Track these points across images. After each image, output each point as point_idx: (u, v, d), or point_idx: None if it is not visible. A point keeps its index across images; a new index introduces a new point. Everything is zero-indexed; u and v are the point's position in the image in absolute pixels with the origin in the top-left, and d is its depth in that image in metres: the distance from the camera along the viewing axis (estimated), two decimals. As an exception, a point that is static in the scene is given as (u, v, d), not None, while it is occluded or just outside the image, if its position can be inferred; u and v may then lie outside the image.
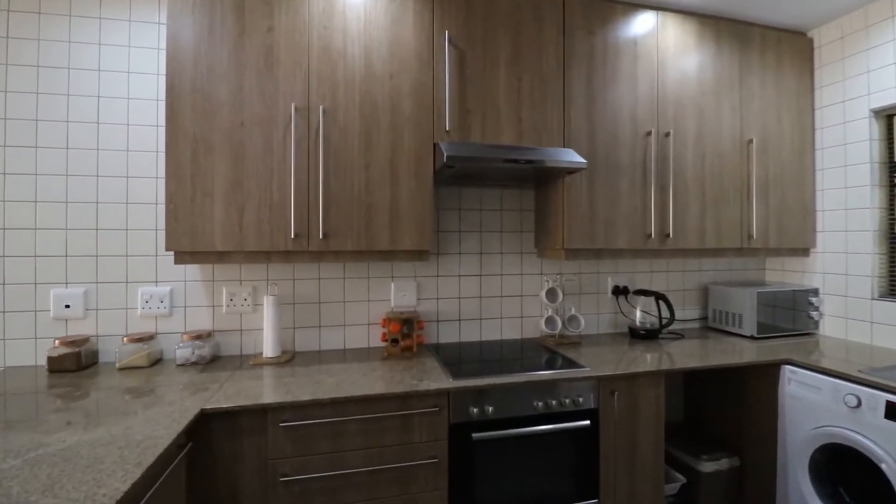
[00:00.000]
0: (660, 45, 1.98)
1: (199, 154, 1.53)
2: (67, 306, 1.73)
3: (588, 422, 1.57)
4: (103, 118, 1.75)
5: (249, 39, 1.57)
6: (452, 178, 1.93)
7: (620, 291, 2.30)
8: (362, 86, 1.65)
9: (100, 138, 1.75)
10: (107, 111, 1.76)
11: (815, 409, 1.67)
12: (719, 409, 2.16)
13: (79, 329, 1.75)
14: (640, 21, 1.95)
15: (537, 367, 1.68)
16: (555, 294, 2.12)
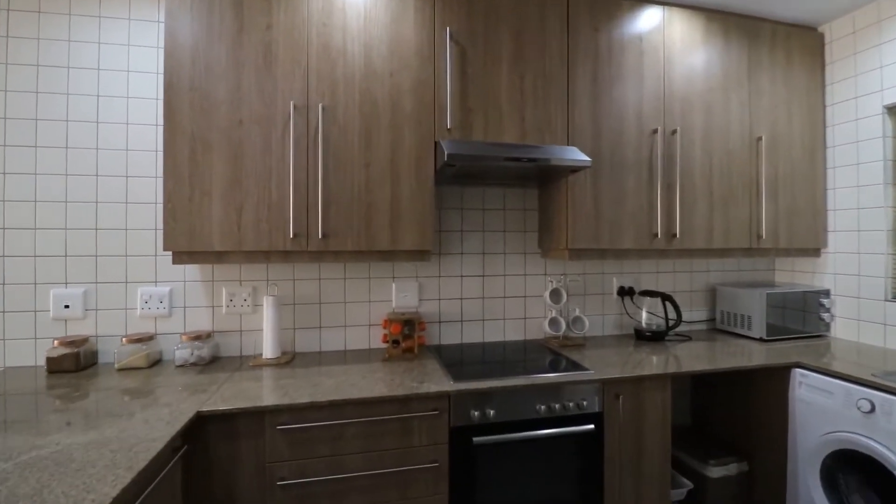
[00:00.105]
0: (666, 41, 1.94)
1: (198, 153, 1.52)
2: (67, 306, 1.72)
3: (592, 426, 1.54)
4: (103, 117, 1.74)
5: (248, 37, 1.55)
6: (454, 178, 1.90)
7: (626, 292, 2.27)
8: (362, 84, 1.63)
9: (99, 137, 1.74)
10: (106, 110, 1.75)
11: (827, 414, 1.62)
12: (728, 412, 2.11)
13: (78, 329, 1.74)
14: (646, 16, 1.91)
15: (540, 369, 1.64)
16: (559, 295, 2.09)
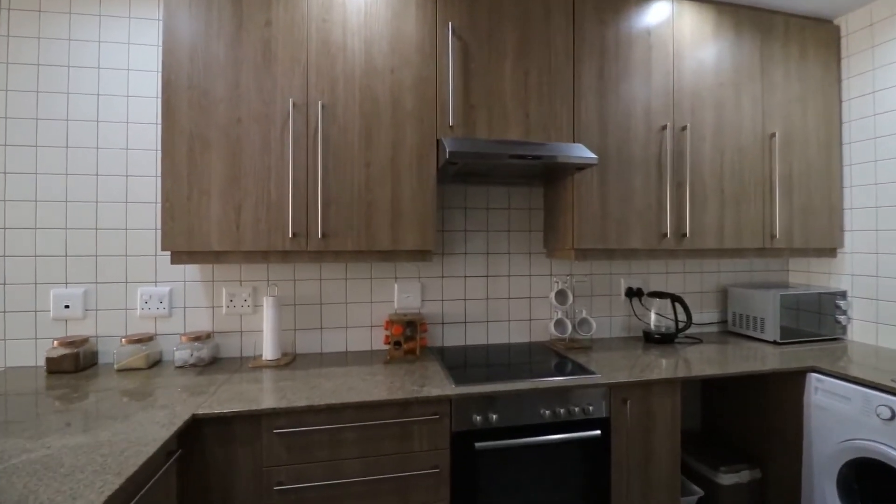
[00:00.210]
0: (675, 35, 1.88)
1: (196, 151, 1.49)
2: (67, 306, 1.71)
3: (599, 431, 1.49)
4: (103, 116, 1.73)
5: (247, 34, 1.53)
6: (457, 176, 1.86)
7: (634, 293, 2.21)
8: (362, 81, 1.60)
9: (99, 137, 1.73)
10: (106, 109, 1.73)
11: (844, 421, 1.56)
12: (740, 417, 2.04)
13: (79, 329, 1.73)
14: (654, 10, 1.86)
15: (545, 372, 1.60)
16: (565, 296, 2.04)
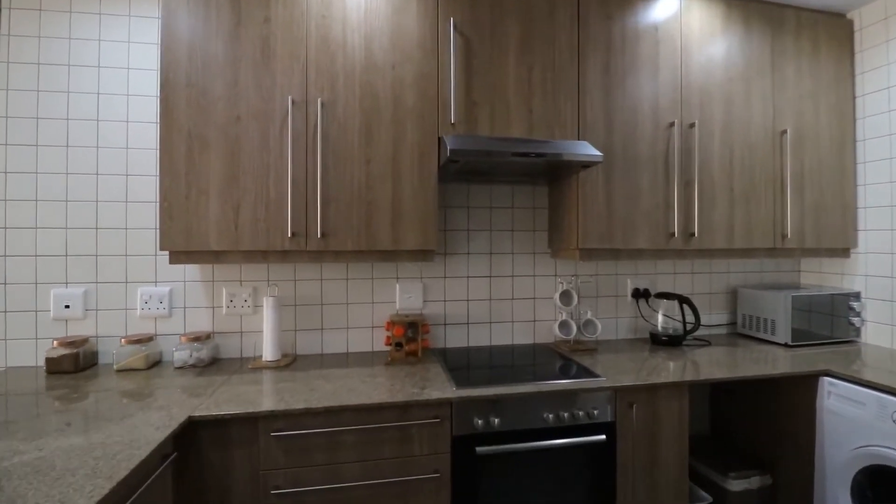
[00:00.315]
0: (683, 30, 1.84)
1: (194, 150, 1.48)
2: (67, 306, 1.70)
3: (604, 436, 1.45)
4: (103, 115, 1.72)
5: (245, 31, 1.51)
6: (460, 174, 1.83)
7: (641, 294, 2.17)
8: (363, 77, 1.57)
9: (99, 136, 1.72)
10: (106, 108, 1.72)
11: (859, 427, 1.51)
12: (749, 422, 1.99)
13: (79, 329, 1.72)
14: (662, 4, 1.81)
15: (549, 375, 1.56)
16: (569, 297, 2.00)
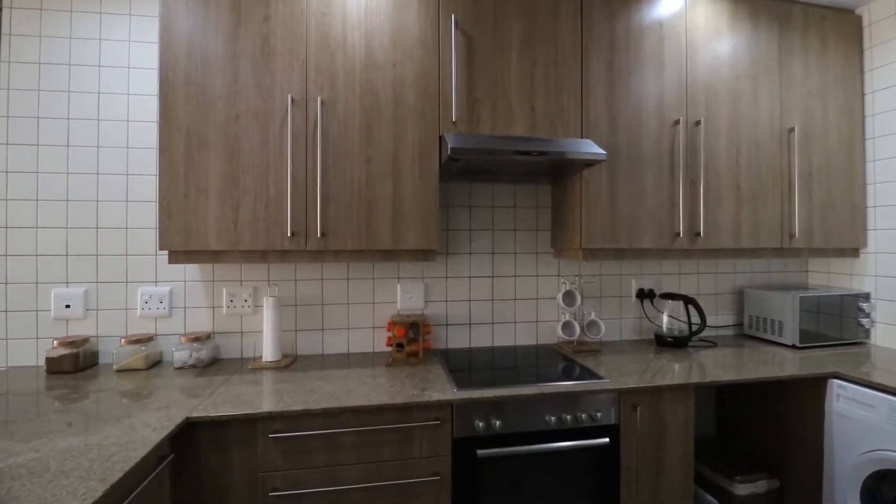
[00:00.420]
0: (689, 27, 1.81)
1: (193, 149, 1.47)
2: (68, 306, 1.70)
3: (607, 439, 1.43)
4: (104, 114, 1.72)
5: (245, 29, 1.49)
6: (461, 173, 1.81)
7: (645, 295, 2.14)
8: (363, 75, 1.56)
9: (100, 135, 1.71)
10: (107, 107, 1.72)
11: (869, 431, 1.48)
12: (756, 424, 1.96)
13: (79, 329, 1.72)
14: (666, 0, 1.79)
15: (551, 377, 1.54)
16: (573, 297, 1.98)
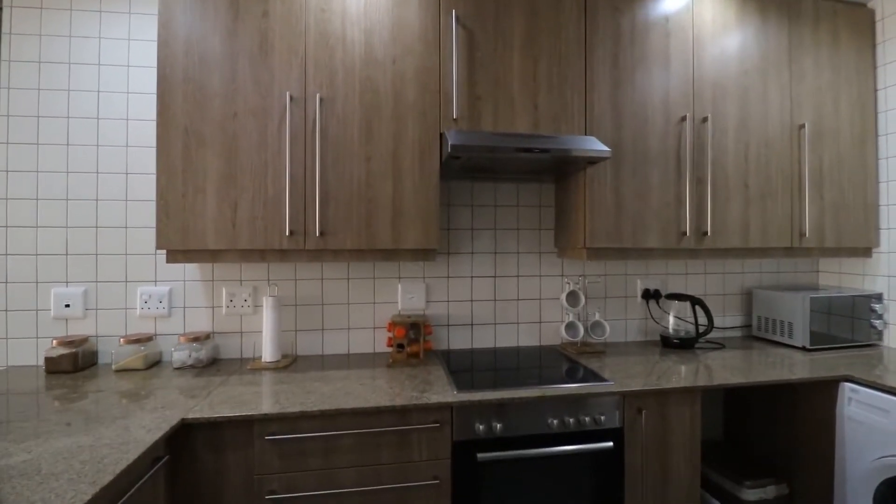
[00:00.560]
0: (696, 21, 1.77)
1: (191, 147, 1.45)
2: (67, 305, 1.69)
3: (611, 443, 1.39)
4: (103, 113, 1.71)
5: (243, 25, 1.48)
6: (463, 171, 1.78)
7: (651, 295, 2.10)
8: (362, 72, 1.53)
9: (100, 134, 1.71)
10: (107, 106, 1.71)
11: (882, 436, 1.43)
12: (765, 428, 1.91)
13: (79, 329, 1.71)
14: (672, -6, 1.75)
15: (554, 379, 1.51)
16: (576, 297, 1.94)
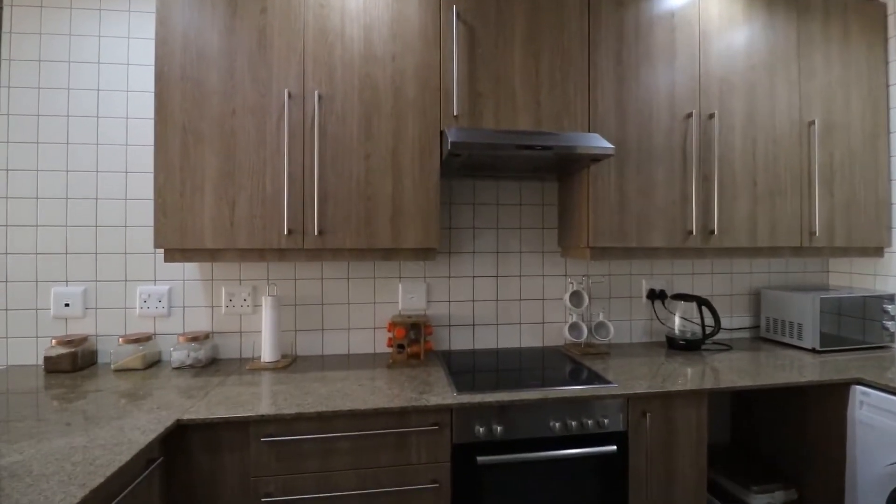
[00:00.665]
0: (702, 16, 1.73)
1: (189, 145, 1.44)
2: (67, 305, 1.69)
3: (615, 447, 1.36)
4: (103, 112, 1.70)
5: (241, 22, 1.46)
6: (464, 170, 1.76)
7: (656, 296, 2.06)
8: (362, 69, 1.51)
9: (99, 133, 1.70)
10: (106, 104, 1.71)
11: (894, 440, 1.39)
12: (774, 431, 1.87)
13: (79, 328, 1.70)
14: (678, -11, 1.72)
15: (556, 381, 1.48)
16: (580, 297, 1.91)
